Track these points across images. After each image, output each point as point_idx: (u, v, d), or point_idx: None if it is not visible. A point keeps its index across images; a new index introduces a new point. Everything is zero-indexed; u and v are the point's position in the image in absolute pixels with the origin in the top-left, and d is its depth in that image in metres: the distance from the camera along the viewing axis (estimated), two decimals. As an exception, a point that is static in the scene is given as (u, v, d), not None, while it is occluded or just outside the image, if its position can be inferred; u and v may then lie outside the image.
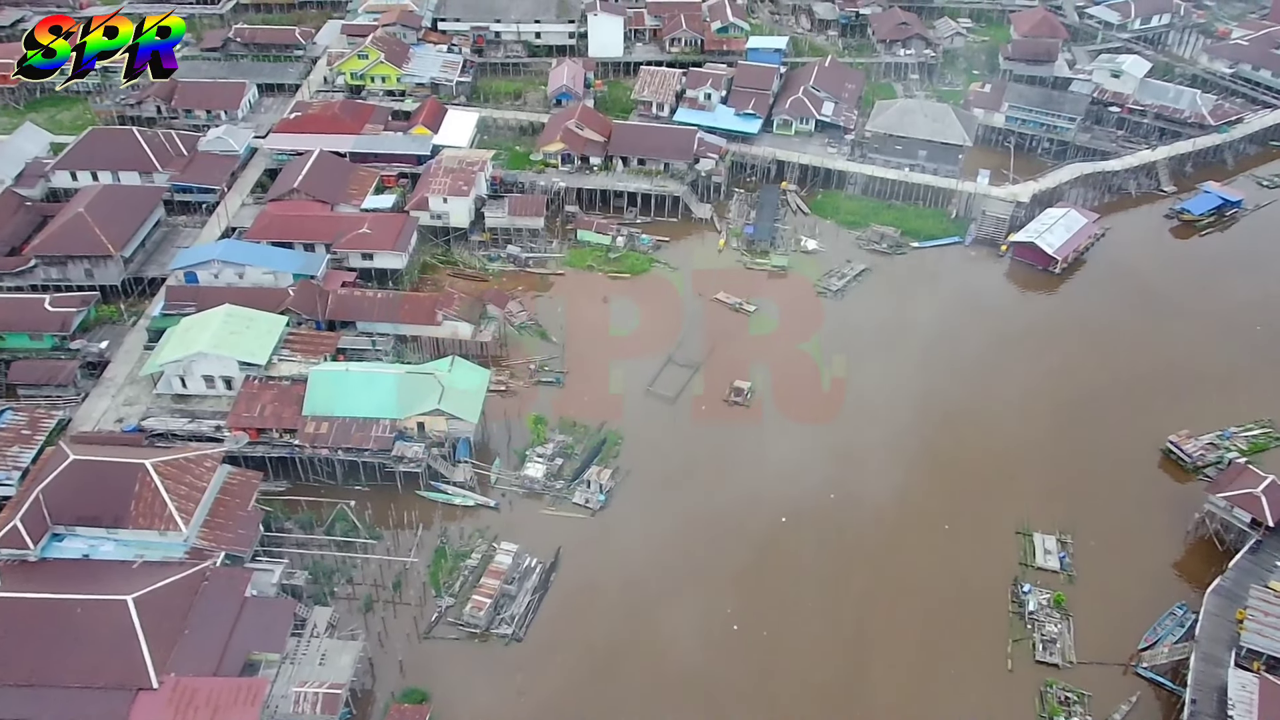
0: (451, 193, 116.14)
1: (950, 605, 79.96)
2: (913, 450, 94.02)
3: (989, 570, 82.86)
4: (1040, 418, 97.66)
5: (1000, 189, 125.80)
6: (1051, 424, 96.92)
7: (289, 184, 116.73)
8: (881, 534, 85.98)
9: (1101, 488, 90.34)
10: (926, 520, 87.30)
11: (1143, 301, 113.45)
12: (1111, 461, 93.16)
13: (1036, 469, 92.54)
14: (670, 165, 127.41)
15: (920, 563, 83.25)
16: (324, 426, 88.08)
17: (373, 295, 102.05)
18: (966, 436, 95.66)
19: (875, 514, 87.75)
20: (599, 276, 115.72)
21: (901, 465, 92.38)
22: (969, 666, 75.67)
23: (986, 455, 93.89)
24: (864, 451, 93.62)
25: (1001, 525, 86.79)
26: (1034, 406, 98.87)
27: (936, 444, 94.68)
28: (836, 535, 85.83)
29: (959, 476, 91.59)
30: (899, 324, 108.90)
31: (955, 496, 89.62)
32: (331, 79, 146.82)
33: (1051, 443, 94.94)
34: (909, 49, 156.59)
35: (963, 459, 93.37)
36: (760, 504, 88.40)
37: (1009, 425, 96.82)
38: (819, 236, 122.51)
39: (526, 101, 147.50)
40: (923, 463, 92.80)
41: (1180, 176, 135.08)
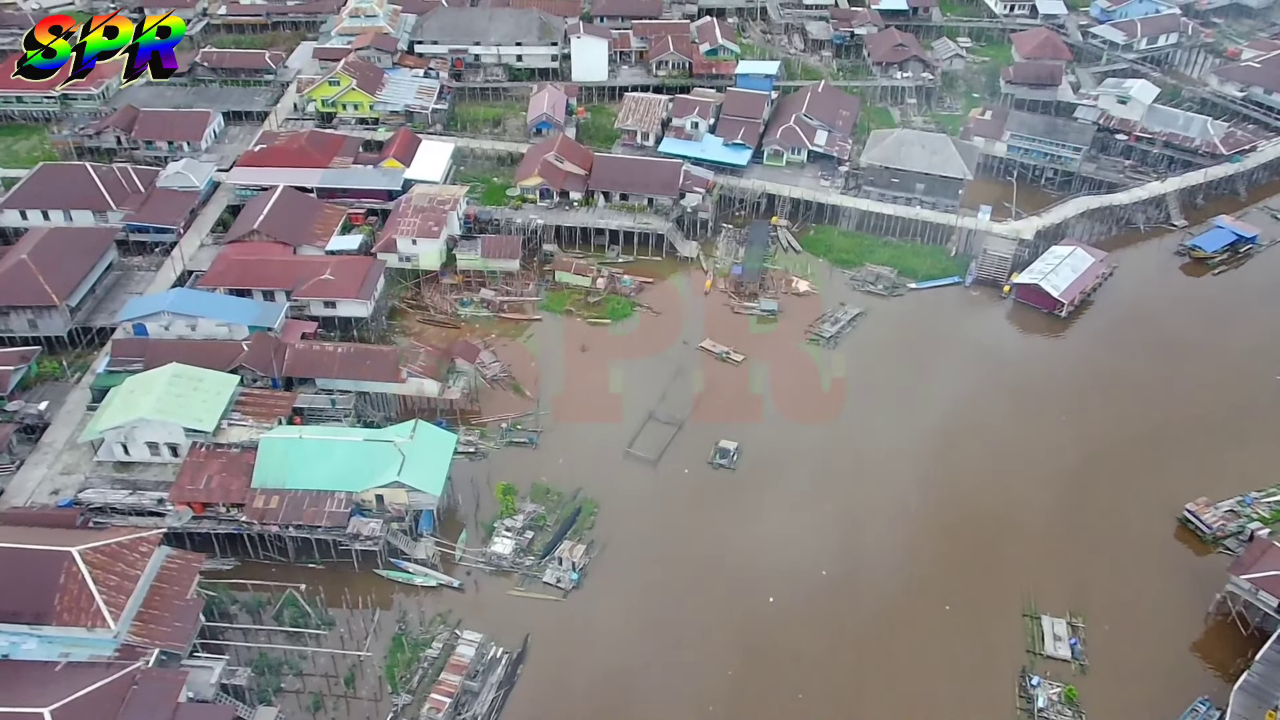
0: (421, 234, 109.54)
1: (951, 702, 73.35)
2: (910, 518, 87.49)
3: (994, 659, 76.26)
4: (1047, 480, 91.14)
5: (1002, 225, 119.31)
6: (1059, 487, 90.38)
7: (249, 225, 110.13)
8: (876, 617, 79.32)
9: (1114, 561, 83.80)
10: (925, 600, 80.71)
11: (1154, 347, 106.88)
12: (1124, 530, 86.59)
13: (1044, 539, 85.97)
14: (654, 200, 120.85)
15: (918, 651, 76.63)
16: (274, 501, 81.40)
17: (332, 350, 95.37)
18: (968, 502, 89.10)
19: (870, 594, 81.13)
20: (578, 322, 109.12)
21: (898, 535, 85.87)
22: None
23: (990, 523, 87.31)
24: (858, 520, 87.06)
25: (1007, 605, 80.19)
26: (1040, 468, 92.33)
27: (935, 510, 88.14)
28: (827, 618, 79.21)
29: (960, 548, 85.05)
30: (895, 376, 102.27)
31: (956, 571, 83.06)
32: (302, 106, 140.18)
33: (1059, 509, 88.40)
34: (906, 72, 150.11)
35: (964, 528, 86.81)
36: (746, 582, 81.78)
37: (1014, 489, 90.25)
38: (811, 276, 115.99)
39: (506, 129, 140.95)
40: (921, 532, 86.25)
41: (1191, 209, 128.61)
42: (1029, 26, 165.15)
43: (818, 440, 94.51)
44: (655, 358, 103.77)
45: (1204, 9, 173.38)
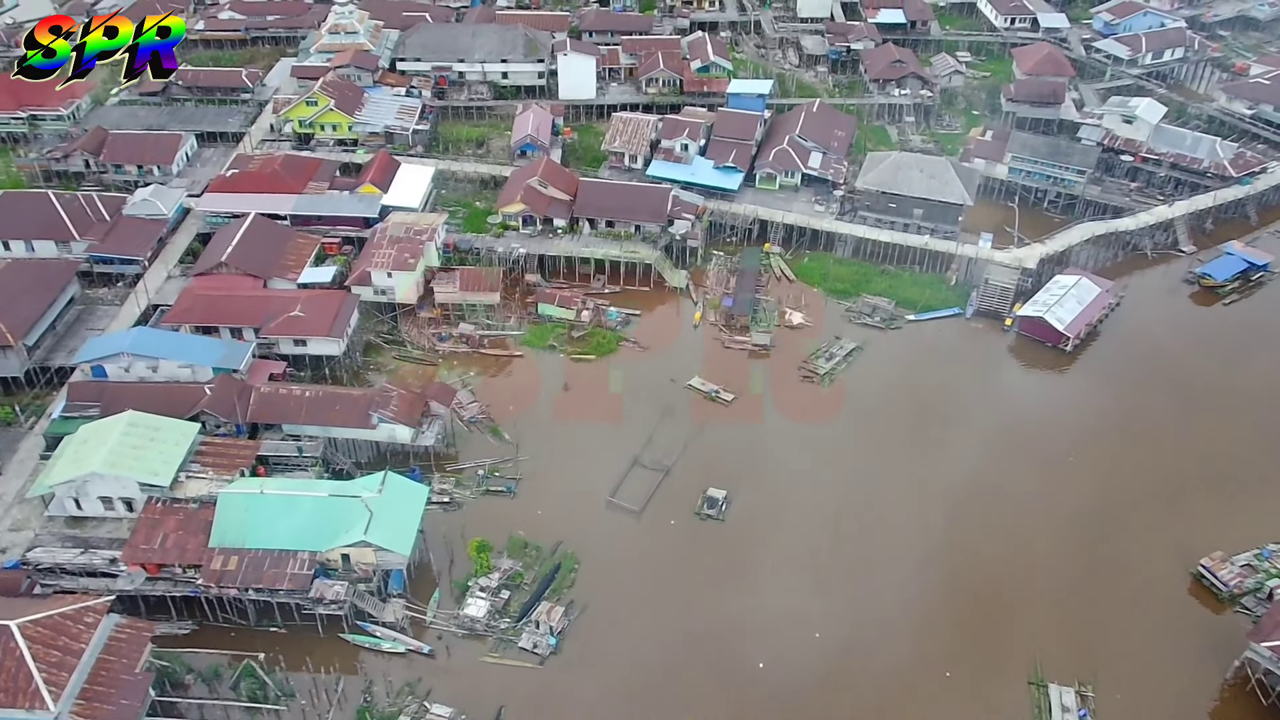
0: (396, 266, 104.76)
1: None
2: (908, 574, 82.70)
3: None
4: (1053, 531, 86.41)
5: (1004, 253, 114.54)
6: (1066, 539, 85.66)
7: (216, 256, 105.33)
8: (871, 684, 74.63)
9: (1125, 621, 79.01)
10: (925, 666, 75.97)
11: (1164, 385, 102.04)
12: (1135, 587, 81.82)
13: (1051, 597, 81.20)
14: (642, 227, 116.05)
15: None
16: (232, 561, 76.55)
17: (300, 394, 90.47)
18: (970, 557, 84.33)
19: (865, 659, 76.42)
20: (561, 358, 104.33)
21: (895, 593, 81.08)
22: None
23: (993, 580, 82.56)
24: (853, 577, 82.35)
25: (1011, 672, 75.44)
26: (1046, 517, 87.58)
27: (935, 566, 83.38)
28: (821, 686, 74.44)
29: (962, 607, 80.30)
30: (892, 418, 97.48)
31: (958, 633, 78.33)
32: (278, 127, 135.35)
33: (1066, 563, 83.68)
34: (904, 89, 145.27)
35: (965, 585, 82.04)
36: (735, 646, 77.02)
37: (1018, 541, 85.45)
38: (805, 308, 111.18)
39: (490, 150, 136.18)
40: (920, 590, 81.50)
41: (1199, 233, 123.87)
42: (1030, 41, 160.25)
43: (811, 488, 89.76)
44: (641, 397, 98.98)
45: (1210, 22, 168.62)
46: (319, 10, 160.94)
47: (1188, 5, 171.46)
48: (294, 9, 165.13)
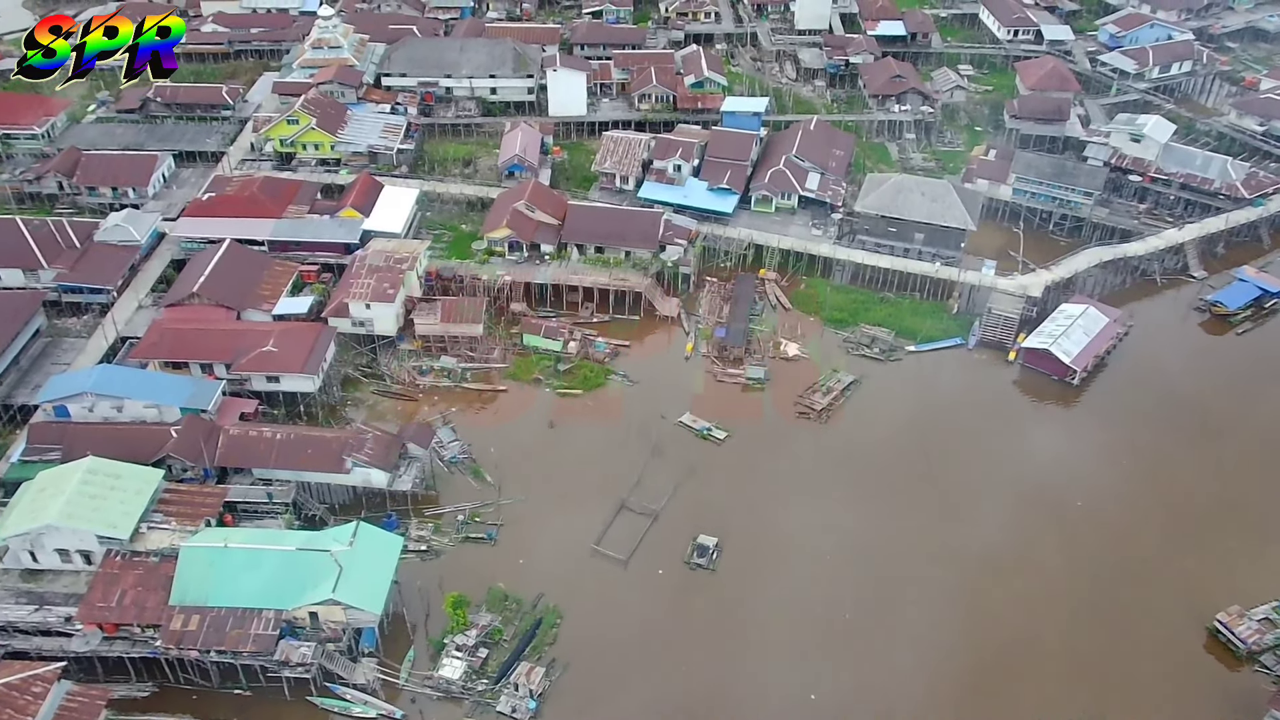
0: (375, 298, 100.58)
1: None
2: (910, 629, 78.57)
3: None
4: (1062, 582, 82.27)
5: (1008, 279, 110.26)
6: (1075, 590, 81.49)
7: (187, 287, 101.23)
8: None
9: (1138, 681, 75.00)
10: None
11: (1175, 420, 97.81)
12: (1149, 643, 77.77)
13: (1059, 653, 77.03)
14: (632, 253, 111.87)
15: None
16: (193, 621, 72.37)
17: (270, 436, 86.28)
18: (974, 609, 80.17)
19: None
20: (546, 393, 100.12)
21: (897, 650, 76.95)
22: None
23: (999, 634, 78.43)
24: (851, 633, 78.23)
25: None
26: (1054, 567, 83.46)
27: (939, 620, 79.18)
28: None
29: (967, 664, 76.20)
30: (892, 458, 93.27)
31: (964, 693, 74.33)
32: (259, 146, 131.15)
33: (1075, 617, 79.54)
34: (904, 105, 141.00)
35: (971, 640, 77.92)
36: (727, 708, 72.98)
37: (1024, 593, 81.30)
38: (801, 338, 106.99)
39: (477, 169, 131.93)
40: (923, 646, 77.35)
41: (1210, 257, 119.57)
42: (1034, 53, 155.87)
43: (807, 535, 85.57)
44: (630, 435, 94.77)
45: (1218, 34, 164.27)
46: (304, 23, 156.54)
47: (1195, 16, 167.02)
48: (278, 21, 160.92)
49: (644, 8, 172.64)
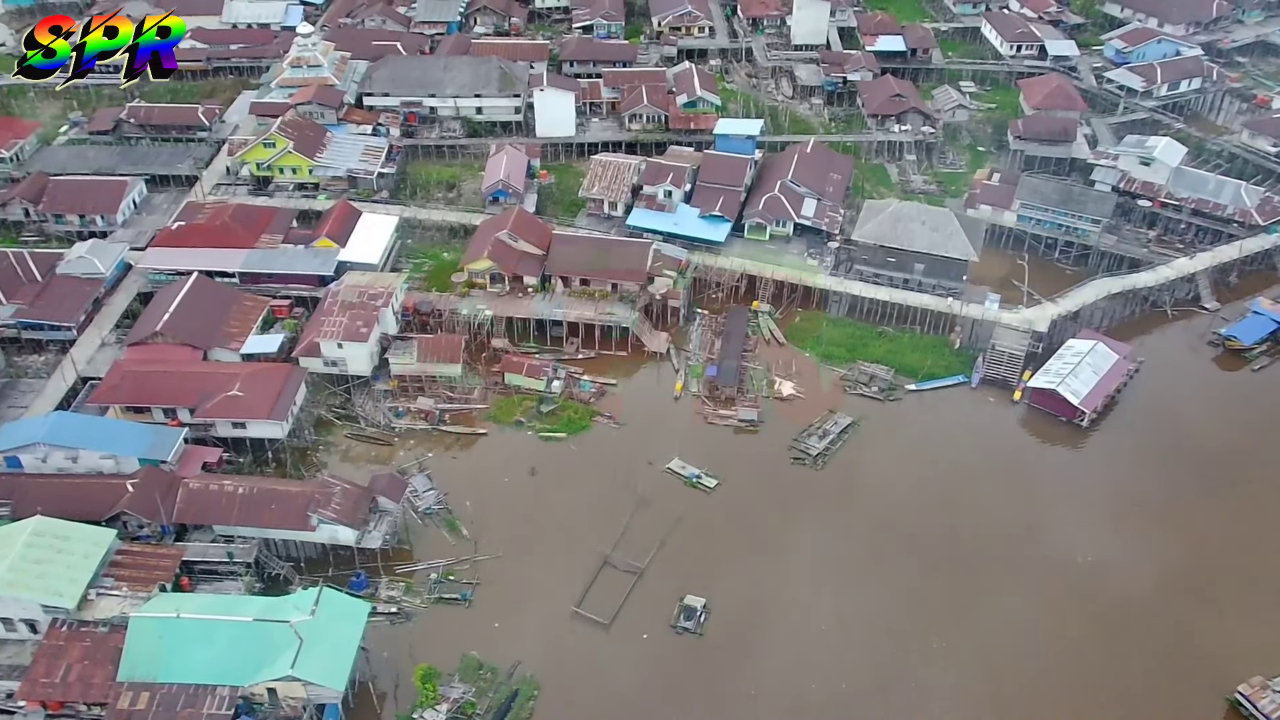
0: (348, 336, 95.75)
1: None
2: (909, 699, 73.70)
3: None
4: (1069, 645, 77.40)
5: (1012, 313, 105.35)
6: (1085, 655, 76.57)
7: (151, 325, 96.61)
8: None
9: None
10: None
11: (1189, 466, 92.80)
12: (1163, 717, 72.81)
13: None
14: (620, 286, 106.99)
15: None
16: (142, 699, 67.52)
17: (232, 490, 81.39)
18: (978, 676, 75.30)
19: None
20: (528, 437, 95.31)
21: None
22: None
23: (1004, 704, 73.54)
24: (848, 702, 73.28)
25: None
26: (1061, 629, 78.63)
27: (940, 689, 74.32)
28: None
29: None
30: (892, 506, 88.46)
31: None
32: (235, 170, 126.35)
33: (1086, 685, 74.59)
34: (904, 125, 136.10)
35: (974, 709, 73.04)
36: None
37: (1030, 658, 76.52)
38: (796, 376, 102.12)
39: (461, 193, 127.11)
40: (922, 716, 72.45)
41: (1223, 288, 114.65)
42: (1038, 70, 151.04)
43: (800, 594, 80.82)
44: (615, 483, 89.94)
45: (1227, 48, 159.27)
46: (285, 39, 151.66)
47: (1203, 30, 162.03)
48: (259, 37, 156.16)
49: (637, 21, 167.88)
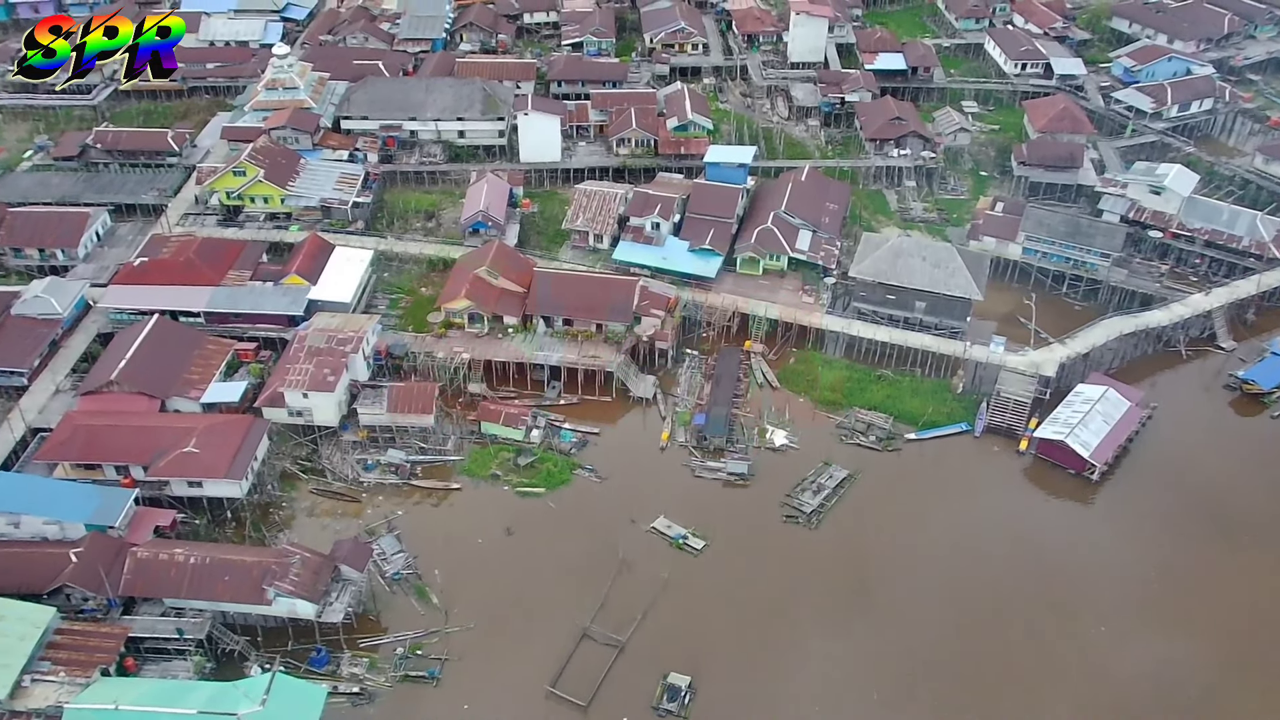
0: (314, 386, 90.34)
1: None
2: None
3: None
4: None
5: (1018, 356, 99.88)
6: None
7: (105, 373, 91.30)
8: None
9: None
10: None
11: (1209, 524, 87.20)
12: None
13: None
14: (604, 326, 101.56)
15: None
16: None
17: (183, 560, 75.82)
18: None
19: None
20: (504, 492, 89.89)
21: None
22: None
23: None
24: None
25: None
26: (1076, 708, 73.10)
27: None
28: None
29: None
30: (891, 569, 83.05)
31: None
32: (204, 199, 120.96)
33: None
34: (904, 149, 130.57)
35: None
36: None
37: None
38: (789, 424, 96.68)
39: (441, 222, 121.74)
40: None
41: (1239, 325, 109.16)
42: (1043, 89, 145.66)
43: (792, 671, 75.34)
44: (596, 544, 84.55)
45: (1240, 65, 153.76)
46: (263, 57, 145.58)
47: (1215, 47, 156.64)
48: (236, 56, 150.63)
49: (628, 37, 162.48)
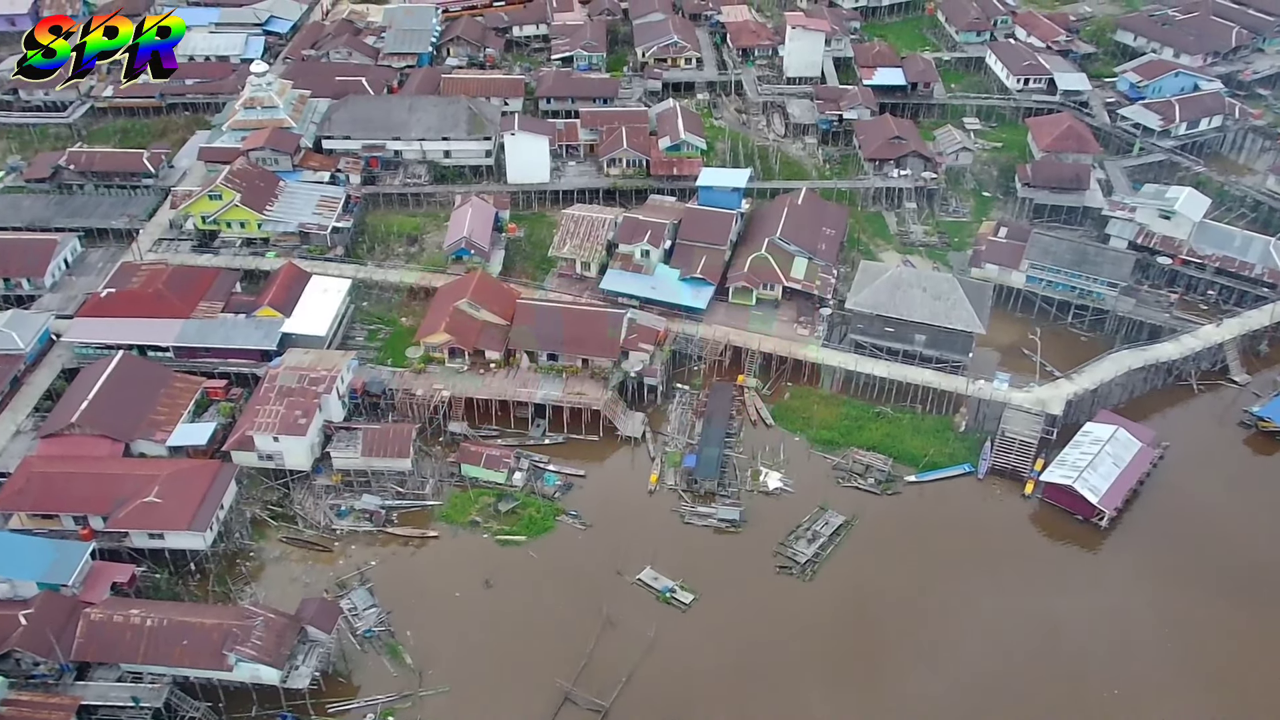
0: (284, 429, 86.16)
1: None
2: None
3: None
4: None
5: (1023, 392, 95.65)
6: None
7: (67, 415, 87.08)
8: None
9: None
10: None
11: (1225, 576, 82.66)
12: None
13: None
14: (591, 361, 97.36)
15: None
16: None
17: (140, 623, 71.45)
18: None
19: None
20: (484, 540, 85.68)
21: None
22: None
23: None
24: None
25: None
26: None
27: None
28: None
29: None
30: (891, 624, 78.93)
31: None
32: (178, 223, 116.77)
33: None
34: (904, 169, 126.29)
35: None
36: None
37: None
38: (784, 465, 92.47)
39: (424, 247, 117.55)
40: None
41: (1253, 357, 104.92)
42: (1046, 105, 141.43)
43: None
44: (579, 597, 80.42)
45: (1249, 80, 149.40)
46: (244, 72, 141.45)
47: (1222, 60, 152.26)
48: (216, 71, 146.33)
49: (621, 50, 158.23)
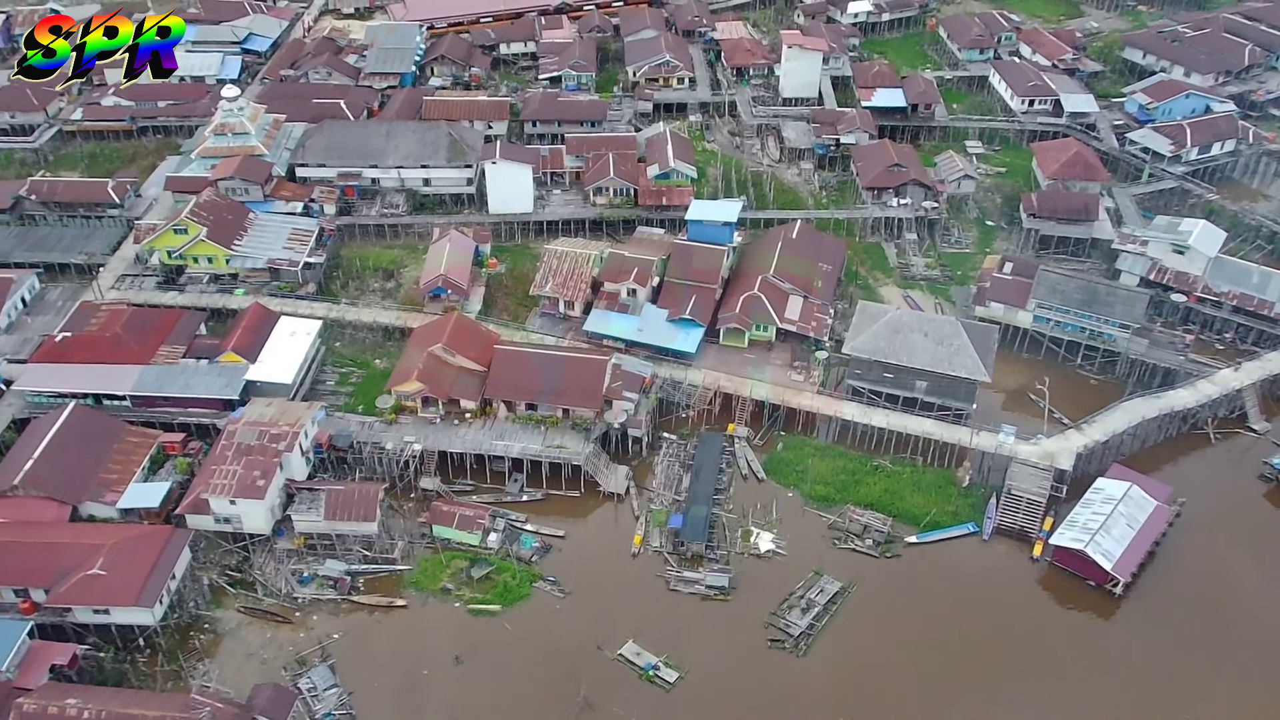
0: (242, 492, 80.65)
1: None
2: None
3: None
4: None
5: (1031, 445, 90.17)
6: None
7: (10, 476, 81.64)
8: None
9: None
10: None
11: (1251, 649, 77.35)
12: None
13: None
14: (572, 411, 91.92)
15: None
16: None
17: (75, 714, 66.01)
18: None
19: None
20: (455, 609, 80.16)
21: None
22: None
23: None
24: None
25: None
26: None
27: None
28: None
29: None
30: (890, 706, 73.26)
31: None
32: (144, 258, 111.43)
33: None
34: (904, 198, 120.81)
35: None
36: None
37: None
38: (777, 523, 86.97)
39: (401, 282, 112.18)
40: None
41: (1272, 402, 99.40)
42: (1052, 127, 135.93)
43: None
44: (556, 675, 74.90)
45: (1262, 100, 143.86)
46: (218, 94, 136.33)
47: (1234, 80, 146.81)
48: (190, 93, 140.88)
49: (611, 68, 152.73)
